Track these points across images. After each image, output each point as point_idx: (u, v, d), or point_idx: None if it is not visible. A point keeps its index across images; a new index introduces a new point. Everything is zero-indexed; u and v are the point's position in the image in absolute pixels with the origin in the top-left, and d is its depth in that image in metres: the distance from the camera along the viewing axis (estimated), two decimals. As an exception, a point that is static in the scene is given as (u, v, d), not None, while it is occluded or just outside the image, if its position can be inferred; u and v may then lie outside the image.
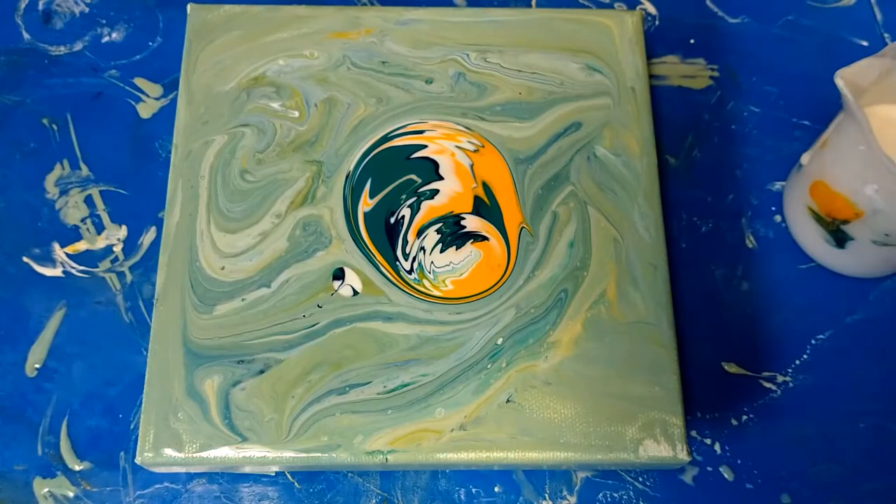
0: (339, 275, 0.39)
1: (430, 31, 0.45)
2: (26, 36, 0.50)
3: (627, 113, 0.43)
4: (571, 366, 0.38)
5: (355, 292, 0.39)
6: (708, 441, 0.42)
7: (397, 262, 0.39)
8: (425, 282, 0.39)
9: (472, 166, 0.42)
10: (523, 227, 0.41)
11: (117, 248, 0.45)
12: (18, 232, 0.45)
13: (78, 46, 0.50)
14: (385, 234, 0.40)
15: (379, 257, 0.39)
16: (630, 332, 0.39)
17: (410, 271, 0.39)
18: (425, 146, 0.42)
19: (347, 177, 0.41)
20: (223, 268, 0.39)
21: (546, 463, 0.37)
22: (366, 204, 0.41)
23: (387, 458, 0.36)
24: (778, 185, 0.47)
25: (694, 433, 0.42)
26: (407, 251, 0.40)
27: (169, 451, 0.36)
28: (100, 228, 0.45)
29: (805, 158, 0.43)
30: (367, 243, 0.40)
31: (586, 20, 0.46)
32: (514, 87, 0.44)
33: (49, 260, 0.44)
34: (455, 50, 0.44)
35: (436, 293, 0.39)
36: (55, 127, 0.47)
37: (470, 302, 0.39)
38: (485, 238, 0.40)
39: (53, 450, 0.41)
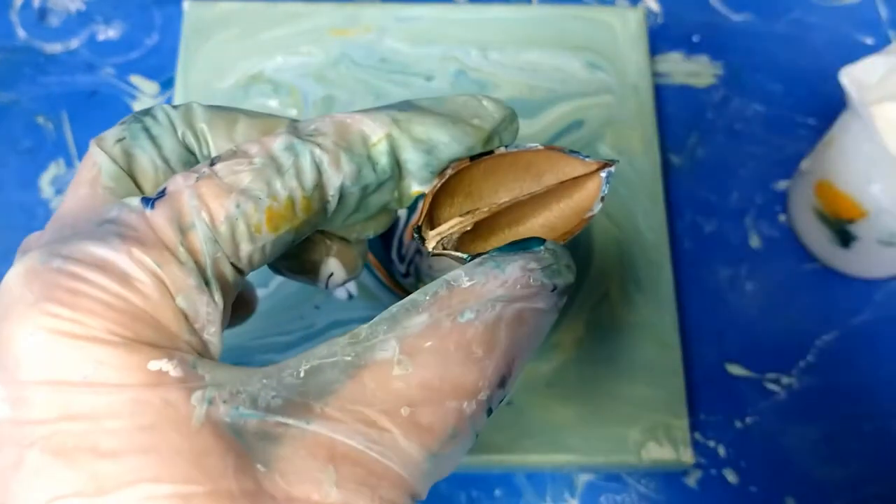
0: (335, 276, 0.39)
1: (430, 28, 0.45)
2: (21, 33, 0.49)
3: (630, 111, 0.43)
4: (573, 367, 0.37)
5: (350, 296, 0.38)
6: (711, 444, 0.41)
7: (392, 265, 0.39)
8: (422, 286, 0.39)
9: (472, 165, 0.41)
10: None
11: (113, 248, 0.44)
12: (12, 232, 0.44)
13: (73, 44, 0.49)
14: (380, 235, 0.39)
15: (373, 259, 0.39)
16: (633, 332, 0.38)
17: (406, 275, 0.39)
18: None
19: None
20: (220, 268, 0.39)
21: (547, 466, 0.37)
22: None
23: (386, 462, 0.36)
24: (782, 185, 0.47)
25: (697, 435, 0.41)
26: (402, 253, 0.39)
27: (164, 455, 0.36)
28: (96, 228, 0.45)
29: (805, 165, 0.43)
30: (363, 244, 0.39)
31: (588, 17, 0.45)
32: (516, 84, 0.43)
33: (44, 260, 0.44)
34: (455, 47, 0.44)
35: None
36: (50, 125, 0.47)
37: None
38: (486, 238, 0.40)
39: (48, 452, 0.40)
